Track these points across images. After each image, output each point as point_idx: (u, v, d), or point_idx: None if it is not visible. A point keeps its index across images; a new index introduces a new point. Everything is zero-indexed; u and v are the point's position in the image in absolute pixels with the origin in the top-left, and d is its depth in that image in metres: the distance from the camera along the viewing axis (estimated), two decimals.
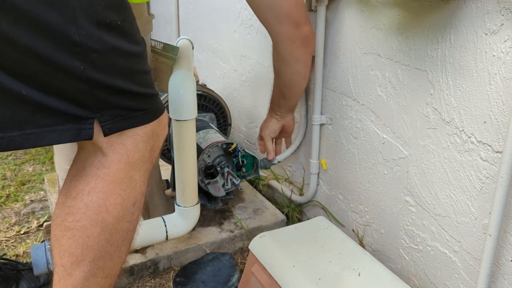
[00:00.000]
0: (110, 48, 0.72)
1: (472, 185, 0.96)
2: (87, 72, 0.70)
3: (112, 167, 0.79)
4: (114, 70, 0.74)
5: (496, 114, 0.88)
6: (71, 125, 0.73)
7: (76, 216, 0.79)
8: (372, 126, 1.21)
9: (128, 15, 0.76)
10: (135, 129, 0.80)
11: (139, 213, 0.86)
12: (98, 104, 0.74)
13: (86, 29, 0.68)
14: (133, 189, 0.82)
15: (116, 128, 0.77)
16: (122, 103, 0.77)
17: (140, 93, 0.79)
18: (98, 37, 0.69)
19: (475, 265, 0.98)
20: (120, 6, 0.74)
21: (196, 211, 1.29)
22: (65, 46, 0.67)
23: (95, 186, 0.79)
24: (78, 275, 0.79)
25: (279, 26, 1.11)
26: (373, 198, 1.25)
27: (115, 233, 0.82)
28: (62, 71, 0.68)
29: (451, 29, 0.94)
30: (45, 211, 1.69)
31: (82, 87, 0.71)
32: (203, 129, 1.50)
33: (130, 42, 0.75)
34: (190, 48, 1.15)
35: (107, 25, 0.70)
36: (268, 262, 1.06)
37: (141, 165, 0.83)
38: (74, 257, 0.79)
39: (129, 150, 0.80)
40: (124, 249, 0.85)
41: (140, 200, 0.85)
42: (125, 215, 0.82)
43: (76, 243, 0.79)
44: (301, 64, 1.21)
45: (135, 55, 0.77)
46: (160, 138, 0.87)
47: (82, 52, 0.68)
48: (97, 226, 0.79)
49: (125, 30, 0.74)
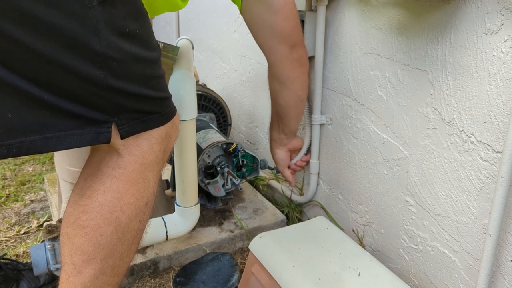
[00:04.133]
0: (130, 56, 0.74)
1: (472, 185, 0.96)
2: (107, 80, 0.72)
3: (127, 168, 0.81)
4: (133, 77, 0.76)
5: (496, 114, 0.88)
6: (90, 129, 0.74)
7: (90, 214, 0.80)
8: (372, 126, 1.21)
9: (145, 22, 0.78)
10: (150, 132, 0.82)
11: (149, 213, 0.88)
12: (116, 108, 0.76)
13: (107, 39, 0.69)
14: (146, 189, 0.84)
15: (133, 131, 0.79)
16: (139, 107, 0.79)
17: (155, 97, 0.81)
18: (118, 47, 0.71)
19: (475, 265, 0.98)
20: (138, 14, 0.76)
21: (196, 211, 1.29)
22: (87, 56, 0.69)
23: (110, 185, 0.80)
24: (88, 273, 0.80)
25: (277, 45, 1.13)
26: (373, 198, 1.25)
27: (127, 232, 0.83)
28: (83, 80, 0.70)
29: (451, 29, 0.94)
30: (45, 211, 1.69)
31: (101, 93, 0.73)
32: (203, 129, 1.50)
33: (147, 49, 0.77)
34: (190, 48, 1.15)
35: (126, 34, 0.72)
36: (268, 262, 1.06)
37: (155, 166, 0.85)
38: (86, 255, 0.80)
39: (144, 152, 0.82)
40: (134, 248, 0.87)
41: (152, 200, 0.87)
42: (138, 214, 0.84)
43: (88, 241, 0.80)
44: (298, 85, 1.22)
45: (152, 61, 0.79)
46: (172, 139, 0.89)
47: (103, 61, 0.70)
48: (110, 225, 0.80)
49: (142, 38, 0.76)
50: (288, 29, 1.11)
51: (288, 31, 1.11)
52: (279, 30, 1.10)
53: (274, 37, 1.11)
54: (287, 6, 1.08)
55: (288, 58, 1.15)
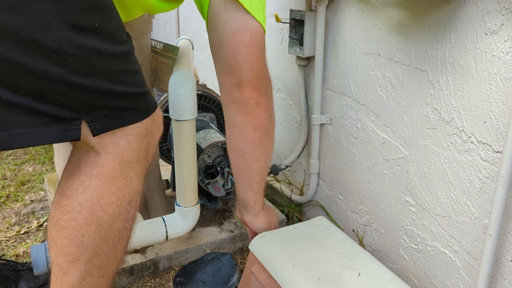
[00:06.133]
0: (88, 51, 0.71)
1: (472, 185, 0.96)
2: (66, 76, 0.70)
3: (106, 166, 0.79)
4: (95, 72, 0.73)
5: (496, 114, 0.88)
6: (57, 126, 0.73)
7: (71, 215, 0.79)
8: (372, 126, 1.21)
9: (108, 15, 0.75)
10: (127, 129, 0.80)
11: (135, 212, 0.86)
12: (83, 106, 0.74)
13: (60, 34, 0.67)
14: (128, 187, 0.82)
15: (105, 128, 0.77)
16: (108, 104, 0.76)
17: (126, 93, 0.78)
18: (74, 41, 0.69)
19: (475, 265, 0.98)
20: (98, 7, 0.72)
21: (196, 211, 1.29)
22: (40, 53, 0.67)
23: (89, 184, 0.79)
24: (74, 274, 0.79)
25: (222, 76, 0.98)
26: (373, 198, 1.25)
27: (110, 232, 0.81)
28: (41, 77, 0.68)
29: (451, 29, 0.94)
30: (45, 211, 1.69)
31: (63, 90, 0.71)
32: (203, 129, 1.50)
33: (111, 43, 0.74)
34: (190, 48, 1.15)
35: (82, 28, 0.70)
36: (268, 262, 1.06)
37: (137, 164, 0.83)
38: (70, 256, 0.79)
39: (122, 149, 0.80)
40: (121, 248, 0.85)
41: (137, 198, 0.85)
42: (121, 213, 0.82)
43: (71, 242, 0.79)
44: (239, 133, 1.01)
45: (118, 55, 0.76)
46: (155, 136, 0.87)
47: (59, 57, 0.68)
48: (92, 224, 0.79)
49: (104, 31, 0.73)
50: (235, 61, 0.94)
51: (234, 64, 0.95)
52: (226, 62, 0.96)
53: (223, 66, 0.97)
54: (235, 37, 0.92)
55: (230, 96, 0.98)
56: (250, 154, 1.03)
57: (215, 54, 0.98)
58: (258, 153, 1.03)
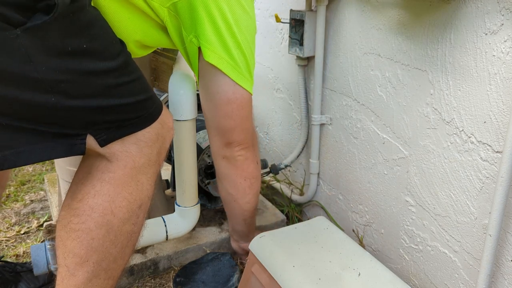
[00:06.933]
0: (81, 73, 0.71)
1: (472, 185, 0.96)
2: (60, 102, 0.70)
3: (117, 172, 0.80)
4: (91, 92, 0.73)
5: (496, 114, 0.88)
6: (63, 141, 0.74)
7: (81, 218, 0.80)
8: (372, 126, 1.21)
9: (97, 33, 0.74)
10: (137, 135, 0.81)
11: (144, 215, 0.87)
12: (85, 123, 0.75)
13: (44, 64, 0.67)
14: (139, 192, 0.84)
15: (111, 138, 0.78)
16: (110, 118, 0.77)
17: (126, 104, 0.78)
18: (63, 68, 0.69)
19: (475, 265, 0.98)
20: (85, 28, 0.72)
21: (196, 211, 1.29)
22: (27, 85, 0.67)
23: (100, 189, 0.80)
24: (82, 275, 0.80)
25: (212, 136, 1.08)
26: (373, 198, 1.25)
27: (120, 235, 0.82)
28: (37, 107, 0.69)
29: (451, 29, 0.94)
30: (45, 211, 1.69)
31: (62, 114, 0.72)
32: (203, 129, 1.50)
33: (104, 60, 0.74)
34: None
35: (70, 53, 0.69)
36: (268, 262, 1.06)
37: (148, 168, 0.84)
38: (78, 258, 0.80)
39: (134, 156, 0.81)
40: (128, 251, 0.86)
41: (147, 202, 0.86)
42: (131, 217, 0.83)
43: (80, 244, 0.79)
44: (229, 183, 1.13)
45: (112, 70, 0.76)
46: (166, 140, 0.87)
47: (48, 86, 0.68)
48: (102, 228, 0.80)
49: (95, 50, 0.73)
50: (227, 126, 1.03)
51: (224, 129, 1.04)
52: (216, 124, 1.05)
53: (212, 127, 1.07)
54: (228, 105, 1.00)
55: (220, 152, 1.09)
56: (242, 198, 1.15)
57: (207, 112, 1.05)
58: (249, 197, 1.15)
